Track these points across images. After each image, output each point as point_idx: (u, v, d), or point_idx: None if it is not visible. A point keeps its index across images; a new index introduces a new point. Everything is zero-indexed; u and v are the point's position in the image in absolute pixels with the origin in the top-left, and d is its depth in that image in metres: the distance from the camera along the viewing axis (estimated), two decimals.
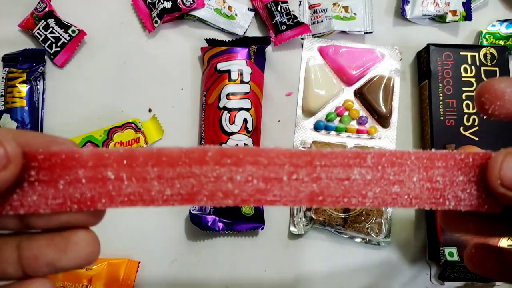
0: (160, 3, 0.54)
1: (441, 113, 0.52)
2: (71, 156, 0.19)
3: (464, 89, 0.53)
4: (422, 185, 0.20)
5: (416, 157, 0.20)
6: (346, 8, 0.56)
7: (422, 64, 0.56)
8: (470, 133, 0.52)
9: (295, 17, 0.56)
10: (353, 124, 0.55)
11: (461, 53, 0.54)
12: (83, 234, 0.20)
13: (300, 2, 0.59)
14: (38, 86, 0.54)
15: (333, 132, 0.54)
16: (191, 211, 0.49)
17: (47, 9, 0.54)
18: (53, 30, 0.54)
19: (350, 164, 0.20)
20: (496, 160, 0.19)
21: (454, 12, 0.57)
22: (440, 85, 0.53)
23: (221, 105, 0.51)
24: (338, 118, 0.55)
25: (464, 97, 0.53)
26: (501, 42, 0.57)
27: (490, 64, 0.54)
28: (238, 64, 0.52)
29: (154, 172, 0.19)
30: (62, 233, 0.20)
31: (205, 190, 0.19)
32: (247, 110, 0.51)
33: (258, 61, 0.54)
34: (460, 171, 0.20)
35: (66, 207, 0.19)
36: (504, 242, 0.48)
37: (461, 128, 0.52)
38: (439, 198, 0.20)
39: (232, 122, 0.50)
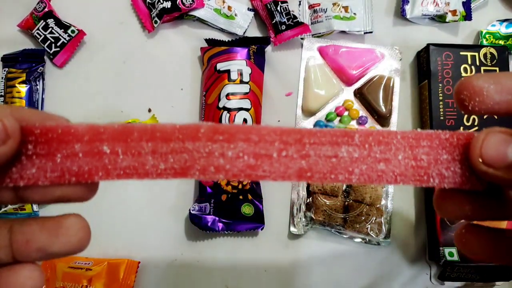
0: (159, 3, 0.54)
1: (441, 113, 0.52)
2: (67, 130, 0.20)
3: None
4: (407, 163, 0.21)
5: (402, 136, 0.21)
6: (346, 8, 0.56)
7: (422, 64, 0.56)
8: None
9: (295, 17, 0.56)
10: (353, 124, 0.55)
11: (461, 53, 0.54)
12: (74, 220, 0.20)
13: (299, 2, 0.59)
14: (38, 86, 0.54)
15: None
16: (191, 211, 0.49)
17: (46, 9, 0.54)
18: (53, 30, 0.54)
19: (338, 142, 0.21)
20: (478, 139, 0.19)
21: (454, 12, 0.57)
22: (440, 85, 0.53)
23: (220, 105, 0.51)
24: (338, 118, 0.55)
25: None
26: (501, 42, 0.57)
27: (490, 64, 0.54)
28: (238, 64, 0.52)
29: (148, 147, 0.20)
30: (54, 217, 0.20)
31: (197, 164, 0.20)
32: (247, 110, 0.51)
33: (257, 61, 0.53)
34: (445, 150, 0.21)
35: (65, 180, 0.20)
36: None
37: (461, 128, 0.52)
38: (423, 175, 0.21)
39: (231, 122, 0.50)
